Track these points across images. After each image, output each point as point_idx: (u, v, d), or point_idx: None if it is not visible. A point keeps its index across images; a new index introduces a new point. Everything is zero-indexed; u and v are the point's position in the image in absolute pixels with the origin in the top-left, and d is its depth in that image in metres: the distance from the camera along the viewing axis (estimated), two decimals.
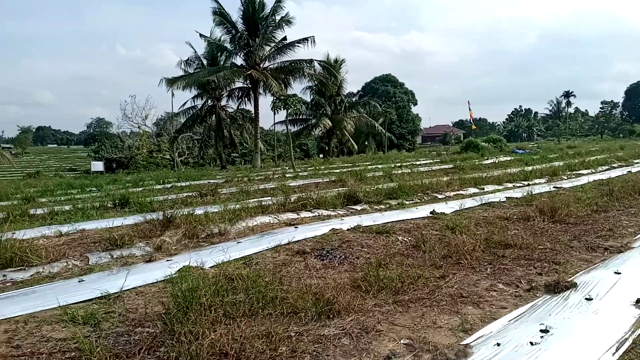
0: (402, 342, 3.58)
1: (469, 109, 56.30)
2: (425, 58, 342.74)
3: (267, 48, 33.92)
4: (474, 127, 62.14)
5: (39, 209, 10.57)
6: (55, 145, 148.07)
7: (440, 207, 9.07)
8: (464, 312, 4.18)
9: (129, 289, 4.79)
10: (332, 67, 38.46)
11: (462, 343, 3.53)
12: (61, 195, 14.72)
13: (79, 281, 5.12)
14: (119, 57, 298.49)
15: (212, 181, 18.07)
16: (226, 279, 4.58)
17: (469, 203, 9.68)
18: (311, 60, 34.22)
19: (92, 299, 4.56)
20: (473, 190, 11.92)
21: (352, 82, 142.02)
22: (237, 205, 9.30)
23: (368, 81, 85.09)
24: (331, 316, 3.98)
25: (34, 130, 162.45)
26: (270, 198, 10.55)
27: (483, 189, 12.15)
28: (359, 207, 9.41)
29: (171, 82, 33.72)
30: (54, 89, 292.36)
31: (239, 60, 35.10)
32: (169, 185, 16.78)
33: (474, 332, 3.74)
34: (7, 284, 5.25)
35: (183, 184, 17.47)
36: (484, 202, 9.75)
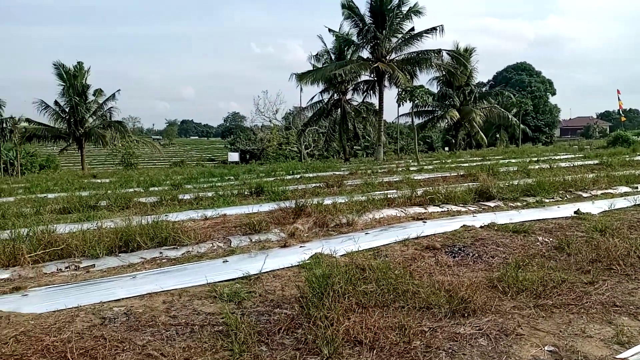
0: (546, 348, 3.33)
1: (618, 99, 50.36)
2: (565, 44, 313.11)
3: (394, 40, 33.63)
4: (623, 118, 55.55)
5: (186, 195, 11.72)
6: (196, 137, 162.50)
7: (585, 207, 8.25)
8: (619, 322, 3.76)
9: (267, 272, 5.10)
10: (461, 57, 36.92)
11: (617, 357, 3.19)
12: (204, 183, 16.15)
13: (223, 261, 5.58)
14: (253, 55, 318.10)
15: (337, 173, 18.49)
16: (357, 268, 4.65)
17: (620, 203, 8.68)
18: (439, 50, 33.22)
19: (235, 279, 4.94)
20: (624, 189, 10.66)
21: (482, 72, 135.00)
22: (363, 197, 9.40)
23: (500, 70, 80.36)
24: (466, 315, 3.85)
25: (179, 123, 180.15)
26: (395, 191, 10.49)
27: (637, 187, 10.80)
28: (492, 204, 8.95)
29: (300, 77, 35.04)
30: (196, 85, 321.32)
31: (365, 54, 35.35)
32: (298, 176, 17.51)
33: (632, 346, 3.35)
34: (163, 260, 5.91)
35: (310, 175, 18.11)
36: (638, 202, 8.67)
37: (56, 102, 37.42)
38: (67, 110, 37.51)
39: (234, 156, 50.86)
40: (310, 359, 3.21)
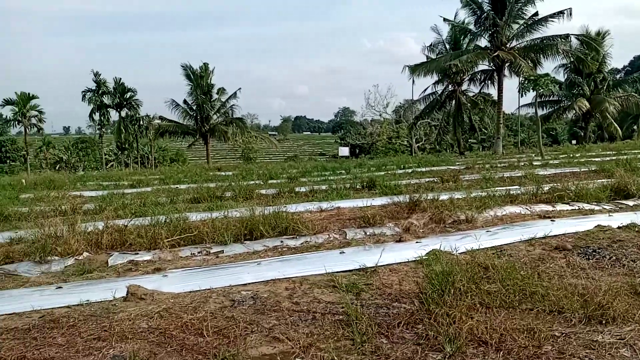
0: None
1: None
2: None
3: (515, 26, 31.59)
4: None
5: (302, 187, 12.14)
6: (308, 133, 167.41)
7: None
8: None
9: (383, 265, 5.11)
10: (592, 41, 33.56)
11: None
12: (317, 176, 16.59)
13: (340, 253, 5.70)
14: (364, 50, 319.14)
15: (451, 167, 17.88)
16: (479, 266, 4.47)
17: None
18: (567, 35, 30.57)
19: (351, 270, 5.02)
20: None
21: (617, 57, 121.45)
22: (482, 193, 8.99)
23: (638, 54, 71.65)
24: (604, 322, 3.52)
25: (293, 119, 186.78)
26: (517, 187, 9.89)
27: None
28: (631, 203, 8.06)
29: (413, 69, 34.41)
30: (309, 82, 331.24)
31: (482, 42, 33.69)
32: (410, 171, 17.25)
33: None
34: (284, 249, 6.20)
35: (423, 169, 17.74)
36: None
37: (185, 101, 40.85)
38: (194, 108, 40.75)
39: (344, 150, 51.58)
40: (432, 355, 3.17)
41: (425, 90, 39.93)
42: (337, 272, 4.97)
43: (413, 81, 40.24)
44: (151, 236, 6.35)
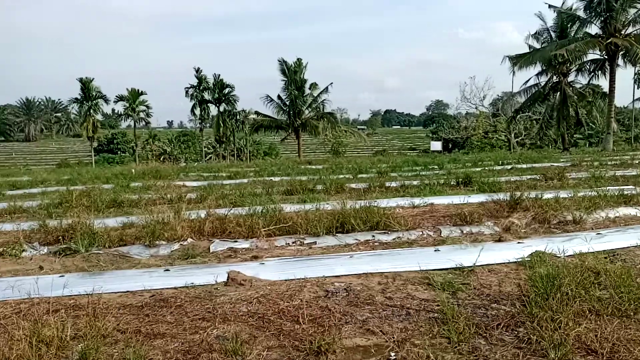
0: None
1: None
2: None
3: (632, 11, 28.73)
4: None
5: (392, 182, 12.01)
6: (398, 127, 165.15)
7: None
8: None
9: (480, 265, 4.91)
10: None
11: None
12: (408, 171, 16.32)
13: (435, 250, 5.57)
14: (460, 41, 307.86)
15: (555, 164, 16.73)
16: (589, 271, 4.15)
17: None
18: None
19: (447, 269, 4.89)
20: None
21: None
22: (591, 192, 8.32)
23: None
24: None
25: (382, 113, 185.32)
26: (632, 187, 9.04)
27: None
28: None
29: (514, 59, 32.59)
30: (400, 75, 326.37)
31: (593, 29, 31.02)
32: (509, 167, 16.41)
33: None
34: (376, 243, 6.18)
35: (523, 166, 16.78)
36: None
37: (279, 96, 42.14)
38: (287, 103, 41.90)
39: (436, 145, 50.19)
40: None
41: (527, 81, 37.57)
42: (432, 269, 4.87)
43: (513, 72, 38.02)
44: (249, 225, 6.63)
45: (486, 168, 15.89)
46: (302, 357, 3.14)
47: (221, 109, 52.34)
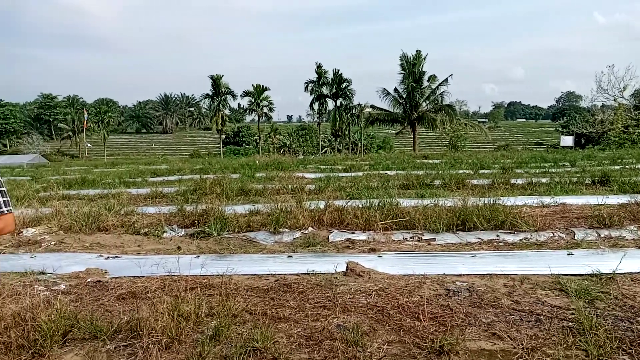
0: None
1: None
2: None
3: None
4: None
5: (518, 179, 11.29)
6: (523, 120, 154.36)
7: None
8: None
9: (622, 273, 4.43)
10: None
11: None
12: (535, 168, 15.21)
13: (568, 254, 5.13)
14: (595, 26, 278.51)
15: None
16: None
17: None
18: None
19: (582, 275, 4.48)
20: None
21: None
22: None
23: None
24: None
25: (505, 105, 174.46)
26: None
27: None
28: None
29: None
30: (526, 65, 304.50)
31: None
32: None
33: None
34: (500, 244, 5.86)
35: None
36: None
37: (395, 89, 41.68)
38: (404, 96, 41.31)
39: (567, 140, 46.15)
40: None
41: None
42: (564, 274, 4.49)
43: None
44: (366, 218, 6.67)
45: (627, 166, 14.25)
46: (423, 355, 3.09)
47: (338, 103, 53.24)
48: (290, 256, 5.44)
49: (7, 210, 2.27)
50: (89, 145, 69.67)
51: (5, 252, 6.09)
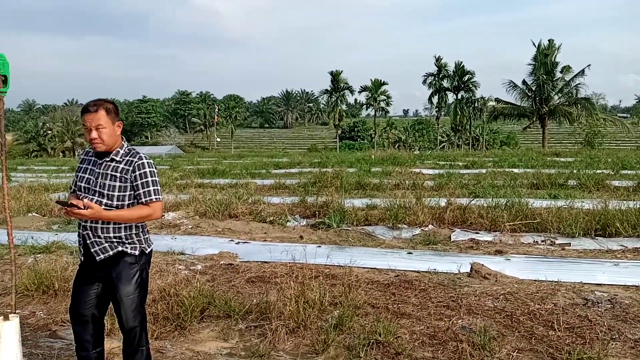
0: None
1: None
2: None
3: None
4: None
5: None
6: None
7: None
8: None
9: None
10: None
11: None
12: None
13: None
14: None
15: None
16: None
17: None
18: None
19: None
20: None
21: None
22: None
23: None
24: None
25: None
26: None
27: None
28: None
29: None
30: None
31: None
32: None
33: None
34: None
35: None
36: None
37: (524, 82, 38.89)
38: (533, 88, 38.43)
39: None
40: None
41: None
42: None
43: None
44: (492, 218, 6.36)
45: None
46: None
47: (459, 96, 51.23)
48: (410, 252, 5.37)
49: (156, 199, 2.53)
50: (217, 138, 75.15)
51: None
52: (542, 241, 5.75)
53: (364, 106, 64.32)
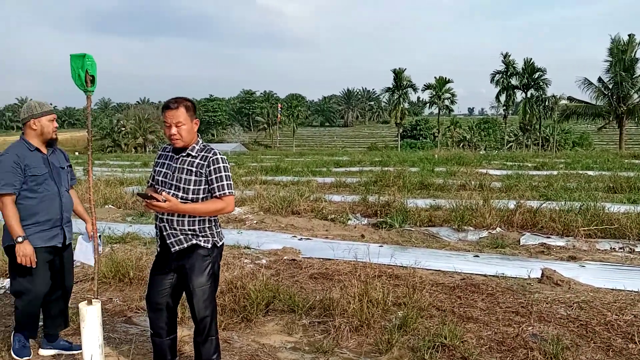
0: None
1: None
2: None
3: None
4: None
5: None
6: None
7: None
8: None
9: None
10: None
11: None
12: None
13: None
14: None
15: None
16: None
17: None
18: None
19: None
20: None
21: None
22: None
23: None
24: None
25: None
26: None
27: None
28: None
29: None
30: None
31: None
32: None
33: None
34: None
35: None
36: None
37: (599, 79, 36.66)
38: (610, 86, 36.14)
39: None
40: None
41: None
42: None
43: None
44: (564, 222, 6.05)
45: None
46: None
47: (528, 94, 49.04)
48: (477, 256, 5.22)
49: (229, 193, 2.61)
50: (279, 137, 76.43)
51: None
52: (620, 248, 5.40)
53: (427, 104, 63.01)
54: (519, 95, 50.53)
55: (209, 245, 2.62)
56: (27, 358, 3.02)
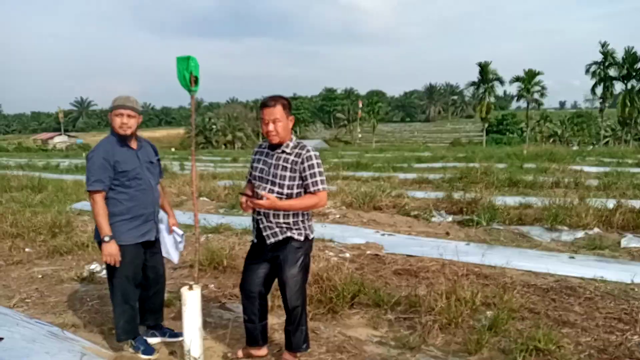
0: None
1: None
2: None
3: None
4: None
5: None
6: None
7: None
8: None
9: None
10: None
11: None
12: None
13: None
14: None
15: None
16: None
17: None
18: None
19: None
20: None
21: None
22: None
23: None
24: None
25: None
26: None
27: None
28: None
29: None
30: None
31: None
32: None
33: None
34: None
35: None
36: None
37: None
38: None
39: None
40: None
41: None
42: None
43: None
44: None
45: None
46: None
47: (629, 86, 45.03)
48: (572, 257, 4.92)
49: (323, 188, 2.69)
50: (359, 133, 76.33)
51: None
52: None
53: (515, 98, 59.84)
54: (618, 87, 46.53)
55: (302, 238, 2.72)
56: (154, 355, 3.06)
